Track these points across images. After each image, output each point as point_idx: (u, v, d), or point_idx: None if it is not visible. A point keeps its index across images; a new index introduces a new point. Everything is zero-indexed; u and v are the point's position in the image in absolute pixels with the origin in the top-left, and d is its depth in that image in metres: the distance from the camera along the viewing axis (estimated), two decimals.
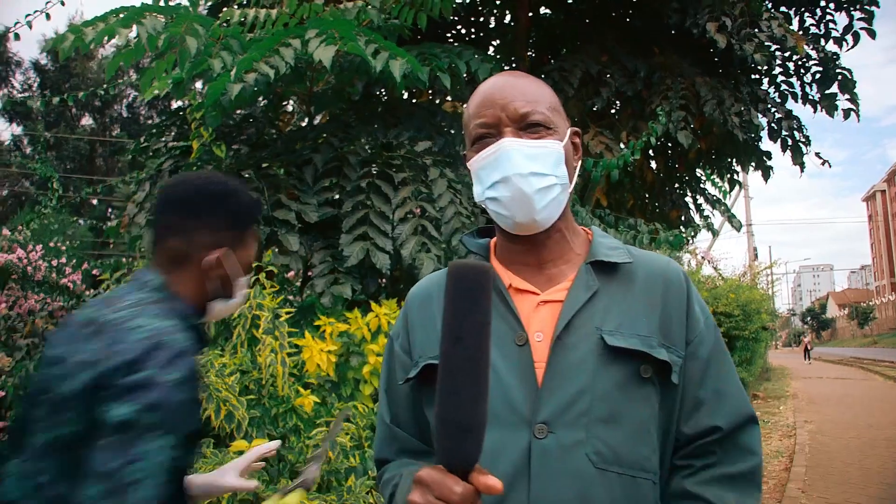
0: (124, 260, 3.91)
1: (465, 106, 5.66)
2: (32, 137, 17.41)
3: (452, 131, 4.61)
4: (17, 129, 18.68)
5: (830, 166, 6.01)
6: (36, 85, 18.45)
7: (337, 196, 3.79)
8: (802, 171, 5.71)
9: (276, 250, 3.41)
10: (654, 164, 7.15)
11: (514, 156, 1.12)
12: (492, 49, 6.29)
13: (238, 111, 4.64)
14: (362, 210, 3.64)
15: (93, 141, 18.20)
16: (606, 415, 1.07)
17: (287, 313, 3.06)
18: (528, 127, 1.13)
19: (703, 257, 15.73)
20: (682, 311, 1.17)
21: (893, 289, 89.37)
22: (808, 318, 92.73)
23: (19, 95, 17.61)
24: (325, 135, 4.02)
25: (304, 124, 4.96)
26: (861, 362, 32.04)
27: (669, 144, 6.46)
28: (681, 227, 7.13)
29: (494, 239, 1.28)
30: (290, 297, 3.97)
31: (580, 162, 1.25)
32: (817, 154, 5.93)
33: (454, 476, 0.86)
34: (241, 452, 2.84)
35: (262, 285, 3.16)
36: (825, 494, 6.15)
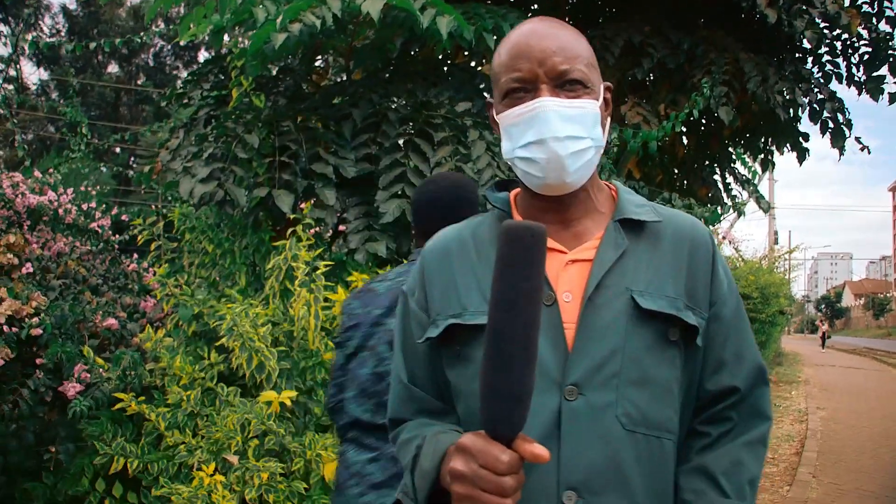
0: (152, 207, 3.91)
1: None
2: (59, 83, 17.43)
3: (489, 95, 4.54)
4: (44, 74, 18.73)
5: (870, 152, 5.89)
6: (64, 30, 18.41)
7: (375, 152, 3.76)
8: (842, 154, 5.60)
9: (313, 203, 3.40)
10: (685, 140, 7.05)
11: (551, 118, 1.06)
12: (531, 13, 6.17)
13: (276, 62, 4.60)
14: (399, 167, 3.60)
15: (118, 89, 18.21)
16: (636, 377, 1.05)
17: (326, 265, 3.06)
18: (566, 84, 1.08)
19: (724, 237, 15.63)
20: (707, 273, 1.15)
21: None
22: (823, 306, 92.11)
23: (48, 40, 17.60)
24: (363, 90, 3.97)
25: (340, 79, 4.91)
26: (875, 353, 31.82)
27: (703, 120, 6.36)
28: (709, 204, 7.05)
29: (515, 192, 1.24)
30: (325, 253, 3.97)
31: (609, 119, 1.20)
32: (857, 139, 5.79)
33: (499, 444, 0.85)
34: (269, 403, 2.87)
35: (298, 237, 3.15)
36: (836, 481, 6.16)
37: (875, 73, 5.51)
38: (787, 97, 4.77)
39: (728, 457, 1.11)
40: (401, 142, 3.72)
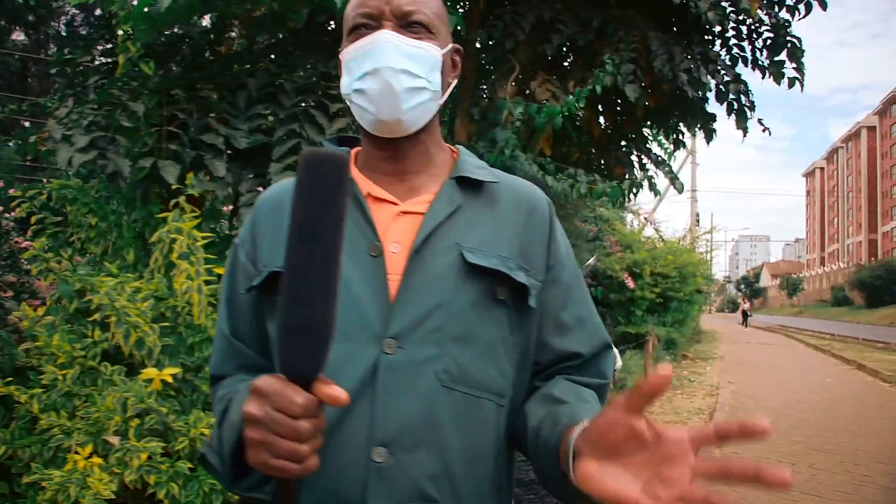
0: (45, 182, 3.68)
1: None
2: None
3: None
4: None
5: (770, 133, 6.07)
6: None
7: (270, 123, 3.63)
8: (745, 135, 5.76)
9: (202, 175, 3.25)
10: (602, 120, 7.13)
11: (389, 49, 1.06)
12: None
13: (175, 29, 4.39)
14: (294, 139, 3.49)
15: (25, 59, 17.18)
16: (460, 333, 1.05)
17: (204, 238, 2.93)
18: (410, 25, 1.09)
19: (645, 218, 16.05)
20: (544, 236, 1.17)
21: (822, 262, 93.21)
22: (742, 286, 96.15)
23: None
24: (261, 60, 3.83)
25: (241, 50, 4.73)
26: (787, 330, 33.51)
27: (619, 100, 6.42)
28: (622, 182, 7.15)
29: (357, 149, 1.23)
30: (214, 226, 3.83)
31: (455, 81, 1.21)
32: (759, 121, 5.96)
33: (295, 385, 0.79)
34: (150, 381, 2.75)
35: (181, 209, 3.01)
36: (738, 450, 6.40)
37: (777, 58, 5.67)
38: (694, 75, 4.85)
39: (573, 390, 1.11)
40: (298, 112, 3.60)
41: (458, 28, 4.11)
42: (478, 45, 5.29)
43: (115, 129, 3.27)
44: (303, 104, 3.66)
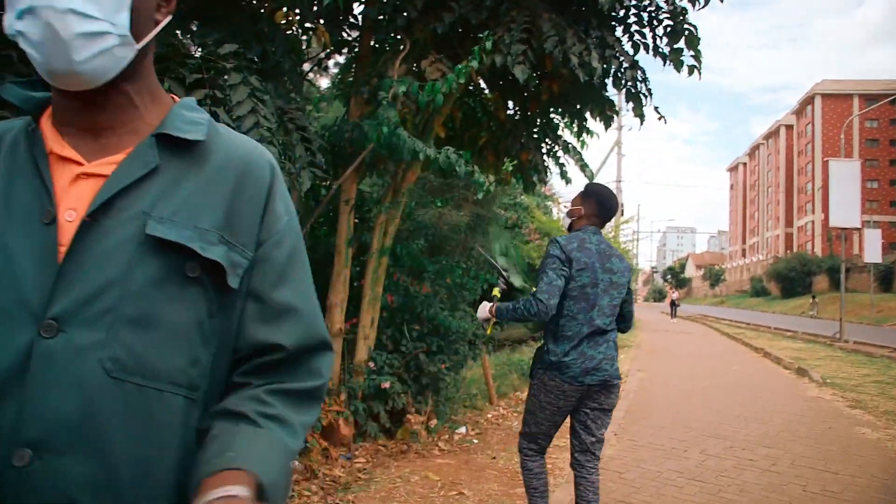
0: None
1: (297, 17, 5.24)
2: None
3: (275, 42, 4.23)
4: None
5: (666, 122, 6.11)
6: None
7: None
8: (642, 122, 5.77)
9: None
10: (511, 104, 7.04)
11: None
12: None
13: None
14: None
15: None
16: (136, 315, 0.89)
17: None
18: None
19: (564, 206, 16.19)
20: (258, 205, 1.01)
21: (744, 254, 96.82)
22: (668, 276, 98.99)
23: None
24: None
25: None
26: (706, 319, 34.59)
27: (527, 85, 6.35)
28: (529, 171, 7.10)
29: None
30: None
31: (167, 18, 1.01)
32: (656, 108, 5.99)
33: None
34: None
35: None
36: (635, 437, 6.45)
37: (676, 46, 5.67)
38: (585, 60, 4.78)
39: (254, 399, 0.96)
40: None
41: (336, 2, 3.92)
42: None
43: None
44: (158, 74, 3.39)
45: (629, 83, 5.57)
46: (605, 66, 5.02)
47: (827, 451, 6.02)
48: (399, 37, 5.22)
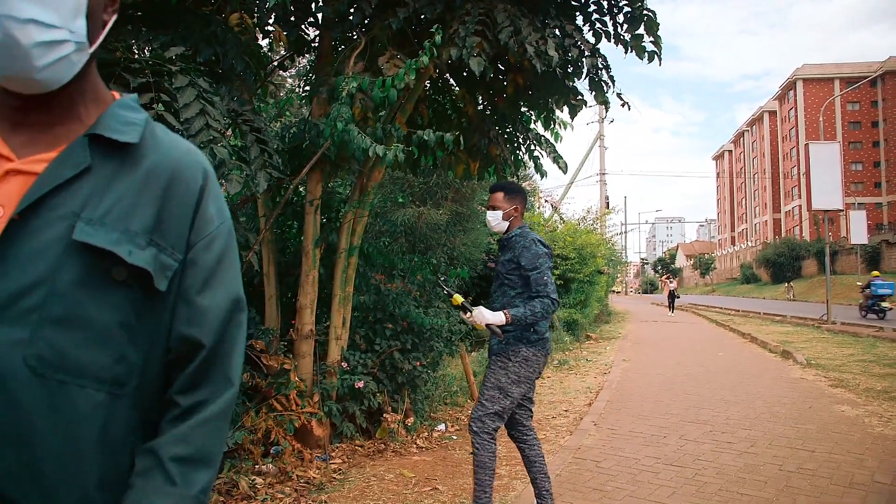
0: None
1: (254, 20, 5.21)
2: None
3: (227, 45, 4.20)
4: None
5: (630, 108, 6.11)
6: None
7: None
8: (606, 109, 5.78)
9: None
10: (480, 98, 7.03)
11: None
12: None
13: None
14: None
15: None
16: (61, 315, 0.91)
17: None
18: None
19: (546, 200, 16.25)
20: (188, 208, 1.02)
21: (733, 242, 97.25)
22: (659, 267, 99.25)
23: None
24: None
25: None
26: (696, 308, 34.67)
27: (494, 80, 6.34)
28: (500, 165, 7.09)
29: None
30: None
31: (113, 18, 1.03)
32: (619, 95, 5.97)
33: None
34: None
35: None
36: (615, 426, 6.45)
37: (636, 32, 5.67)
38: (540, 49, 4.76)
39: (184, 440, 1.00)
40: None
41: (285, 2, 3.90)
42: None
43: None
44: (103, 80, 3.36)
45: (591, 71, 5.56)
46: (564, 55, 4.99)
47: (806, 431, 6.04)
48: (356, 35, 5.20)
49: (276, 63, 6.28)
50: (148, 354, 1.00)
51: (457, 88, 7.23)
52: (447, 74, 7.14)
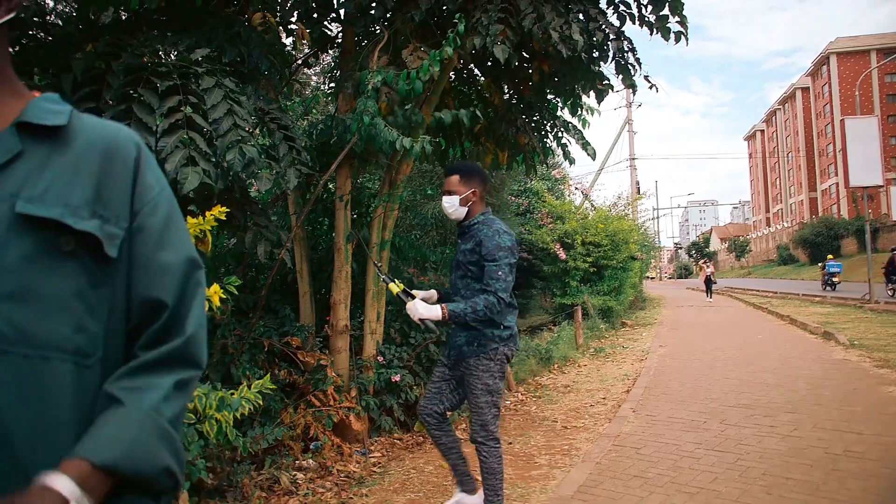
0: None
1: (277, 19, 5.23)
2: None
3: (251, 44, 4.23)
4: None
5: (658, 91, 6.03)
6: None
7: (97, 106, 3.38)
8: (634, 93, 5.69)
9: None
10: (506, 88, 6.99)
11: None
12: None
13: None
14: (124, 121, 3.25)
15: None
16: (13, 289, 0.95)
17: None
18: None
19: (576, 188, 16.10)
20: (126, 179, 1.08)
21: (768, 223, 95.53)
22: (693, 251, 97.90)
23: None
24: (83, 40, 3.56)
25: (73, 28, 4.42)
26: (732, 291, 34.13)
27: (518, 68, 6.29)
28: (525, 153, 7.05)
29: None
30: None
31: (6, 19, 1.06)
32: (646, 77, 5.89)
33: None
34: None
35: None
36: (653, 412, 6.38)
37: (661, 13, 5.58)
38: (565, 34, 4.71)
39: (126, 375, 1.03)
40: (126, 93, 3.35)
41: None
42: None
43: None
44: (131, 83, 3.41)
45: (616, 55, 5.49)
46: (588, 39, 4.93)
47: (852, 413, 5.91)
48: (379, 29, 5.19)
49: (300, 61, 6.30)
50: (108, 324, 1.03)
51: (481, 78, 7.21)
52: (471, 65, 7.11)
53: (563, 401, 7.33)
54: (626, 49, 5.48)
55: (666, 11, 5.51)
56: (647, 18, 5.75)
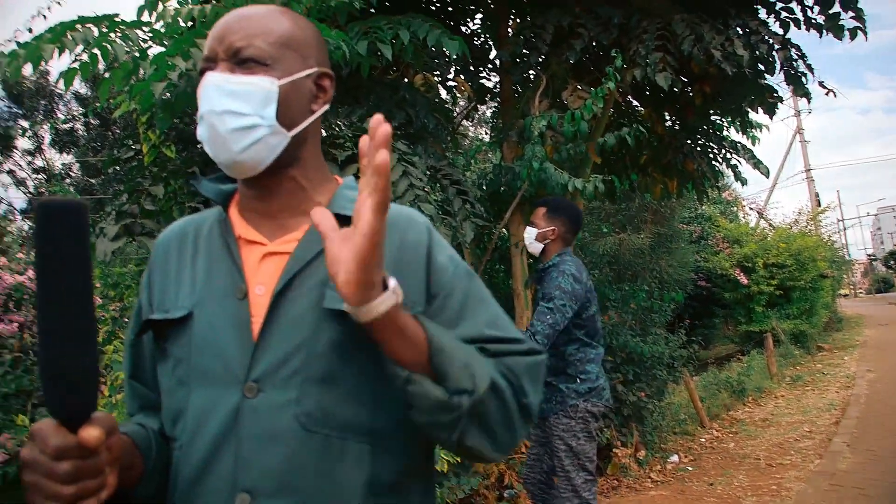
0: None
1: (436, 77, 5.49)
2: (81, 163, 17.95)
3: (416, 105, 4.47)
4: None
5: (836, 95, 5.58)
6: (79, 115, 18.98)
7: None
8: (809, 102, 5.33)
9: None
10: (668, 116, 6.83)
11: (211, 92, 1.05)
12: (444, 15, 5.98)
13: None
14: None
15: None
16: (322, 374, 1.01)
17: None
18: (242, 62, 1.06)
19: (751, 208, 15.16)
20: (420, 266, 1.09)
21: None
22: (892, 262, 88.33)
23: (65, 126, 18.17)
24: None
25: None
26: None
27: (678, 94, 6.14)
28: (695, 179, 6.81)
29: None
30: None
31: (323, 107, 1.14)
32: (821, 83, 5.49)
33: (59, 427, 0.79)
34: None
35: None
36: (873, 447, 5.78)
37: (831, 11, 5.24)
38: (728, 51, 4.53)
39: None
40: None
41: (464, 54, 4.08)
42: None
43: (142, 215, 3.43)
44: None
45: (784, 65, 5.20)
46: (752, 52, 4.73)
47: None
48: (535, 74, 5.29)
49: (462, 114, 6.55)
50: (403, 404, 1.02)
51: (641, 109, 7.09)
52: (628, 97, 7.03)
53: (764, 436, 6.83)
54: (794, 57, 5.18)
55: (837, 8, 5.17)
56: (813, 20, 5.43)
